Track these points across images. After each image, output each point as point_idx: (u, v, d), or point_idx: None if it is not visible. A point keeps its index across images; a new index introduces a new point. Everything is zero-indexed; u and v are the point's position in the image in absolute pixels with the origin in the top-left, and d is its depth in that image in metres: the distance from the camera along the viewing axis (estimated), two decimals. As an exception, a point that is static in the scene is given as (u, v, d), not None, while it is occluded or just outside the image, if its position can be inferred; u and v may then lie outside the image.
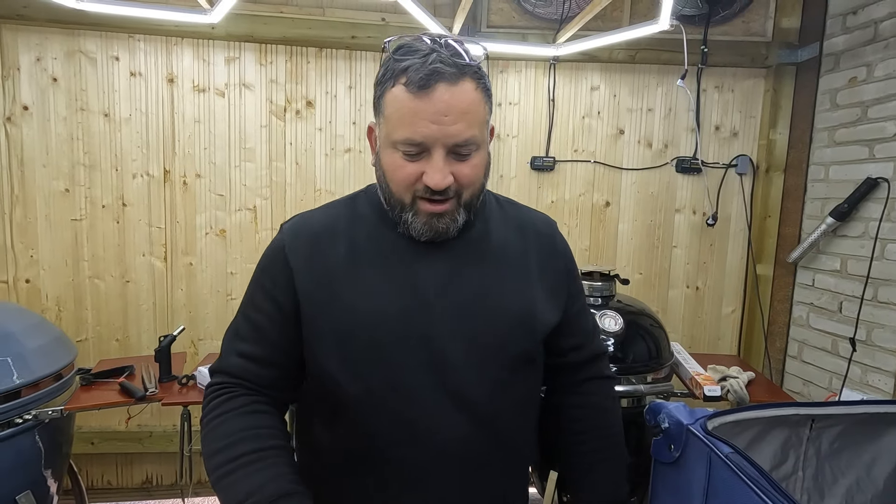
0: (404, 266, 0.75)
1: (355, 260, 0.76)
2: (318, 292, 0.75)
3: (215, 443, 0.73)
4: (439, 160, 0.69)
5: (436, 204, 0.71)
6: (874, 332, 1.88)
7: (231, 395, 0.77)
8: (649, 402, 0.70)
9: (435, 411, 0.74)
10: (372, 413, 0.74)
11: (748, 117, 2.34)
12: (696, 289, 2.42)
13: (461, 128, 0.68)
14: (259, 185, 2.24)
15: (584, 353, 0.90)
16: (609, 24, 2.21)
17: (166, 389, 1.66)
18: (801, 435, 0.73)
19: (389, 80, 0.70)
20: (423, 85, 0.67)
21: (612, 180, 2.37)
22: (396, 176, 0.72)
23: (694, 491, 0.59)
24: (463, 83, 0.68)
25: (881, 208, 1.85)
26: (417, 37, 0.72)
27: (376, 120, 0.75)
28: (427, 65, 0.67)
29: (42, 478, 1.52)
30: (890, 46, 1.85)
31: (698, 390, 1.61)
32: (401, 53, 0.70)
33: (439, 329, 0.74)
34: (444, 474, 0.76)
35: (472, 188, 0.74)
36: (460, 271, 0.76)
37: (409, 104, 0.68)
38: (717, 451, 0.56)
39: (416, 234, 0.74)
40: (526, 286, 0.80)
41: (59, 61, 2.08)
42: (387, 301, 0.74)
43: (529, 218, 0.88)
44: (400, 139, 0.69)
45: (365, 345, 0.74)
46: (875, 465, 0.75)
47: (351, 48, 2.21)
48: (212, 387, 0.79)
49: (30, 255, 2.14)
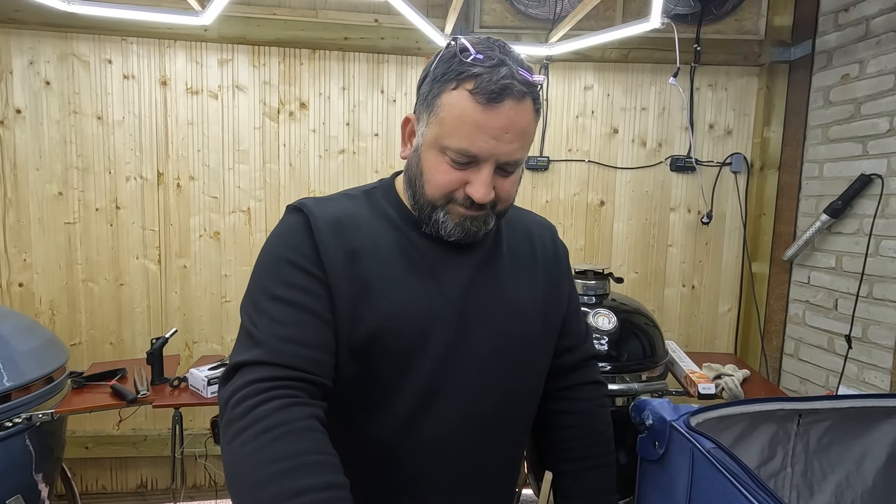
0: (429, 268, 0.73)
1: (379, 256, 0.72)
2: (343, 281, 0.69)
3: (272, 465, 0.57)
4: (488, 175, 0.67)
5: (472, 210, 0.70)
6: (870, 329, 1.87)
7: (289, 399, 0.61)
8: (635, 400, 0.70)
9: (455, 417, 0.72)
10: (387, 421, 0.72)
11: (742, 115, 2.34)
12: (691, 287, 2.41)
13: (515, 147, 0.67)
14: (253, 187, 2.24)
15: (576, 355, 0.90)
16: (602, 24, 2.21)
17: (158, 392, 1.65)
18: (789, 430, 0.72)
19: (451, 80, 0.66)
20: (493, 98, 0.64)
21: (607, 179, 2.36)
22: (438, 179, 0.69)
23: (678, 487, 0.58)
24: (526, 102, 0.67)
25: (875, 205, 1.85)
26: (483, 40, 0.68)
27: (421, 116, 0.71)
28: (500, 78, 0.64)
29: (33, 482, 1.51)
30: (882, 43, 1.85)
31: (693, 388, 1.60)
32: (467, 56, 0.66)
33: (460, 332, 0.72)
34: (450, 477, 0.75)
35: (508, 202, 0.74)
36: (481, 276, 0.76)
37: (473, 114, 0.65)
38: (700, 446, 0.55)
39: (446, 233, 0.72)
40: (535, 291, 0.81)
41: (51, 64, 2.08)
42: (412, 302, 0.71)
43: (532, 222, 0.88)
44: (454, 147, 0.67)
45: (386, 345, 0.70)
46: (865, 461, 0.75)
47: (344, 49, 2.21)
48: (253, 384, 0.62)
49: (23, 259, 2.14)
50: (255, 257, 0.74)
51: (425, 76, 0.71)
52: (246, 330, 0.68)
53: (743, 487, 0.51)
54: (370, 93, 2.26)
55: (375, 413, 0.72)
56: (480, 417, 0.75)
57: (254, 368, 0.63)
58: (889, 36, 1.82)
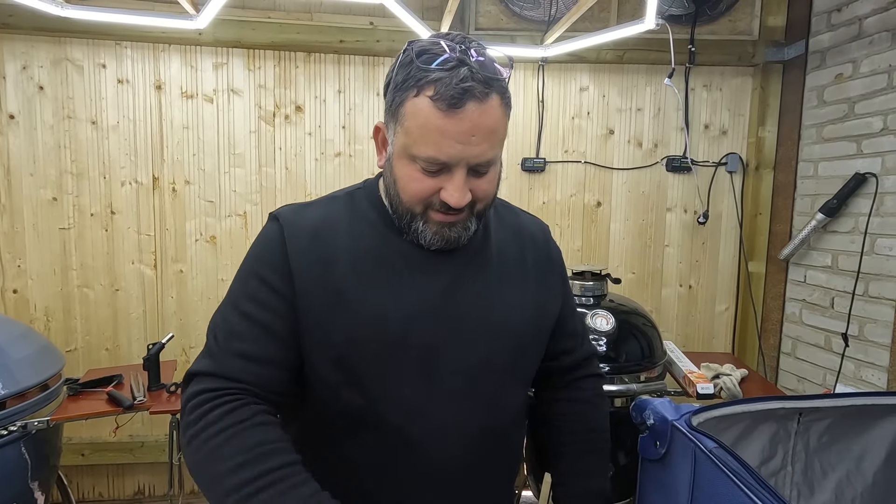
0: (409, 272, 0.73)
1: (356, 263, 0.72)
2: (317, 291, 0.70)
3: (228, 461, 0.62)
4: (460, 179, 0.67)
5: (449, 216, 0.70)
6: (866, 327, 1.88)
7: (235, 402, 0.66)
8: (636, 400, 0.70)
9: (436, 423, 0.72)
10: (371, 424, 0.72)
11: (737, 115, 2.35)
12: (689, 287, 2.41)
13: (485, 148, 0.67)
14: (249, 191, 2.23)
15: (575, 355, 0.90)
16: (596, 25, 2.22)
17: (155, 398, 1.64)
18: (789, 429, 0.72)
19: (412, 87, 0.66)
20: (454, 104, 0.63)
21: (603, 180, 2.37)
22: (411, 188, 0.69)
23: (680, 487, 0.58)
24: (490, 100, 0.66)
25: (870, 203, 1.86)
26: (439, 41, 0.67)
27: (389, 124, 0.71)
28: (458, 81, 0.63)
29: (28, 490, 1.49)
30: (874, 43, 1.86)
31: (691, 388, 1.60)
32: (424, 60, 0.65)
33: (442, 337, 0.72)
34: (443, 484, 0.75)
35: (486, 201, 0.73)
36: (463, 279, 0.75)
37: (436, 122, 0.64)
38: (702, 446, 0.55)
39: (426, 242, 0.72)
40: (525, 293, 0.79)
41: (45, 69, 2.07)
42: (390, 308, 0.71)
43: (524, 222, 0.88)
44: (422, 156, 0.66)
45: (363, 355, 0.71)
46: (865, 459, 0.75)
47: (339, 52, 2.21)
48: (203, 394, 0.67)
49: (17, 266, 2.12)
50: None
51: (388, 83, 0.70)
52: (207, 340, 0.73)
53: (746, 486, 0.51)
54: (366, 95, 2.26)
55: (363, 419, 0.72)
56: (471, 418, 0.74)
57: (204, 379, 0.69)
58: (882, 35, 1.83)
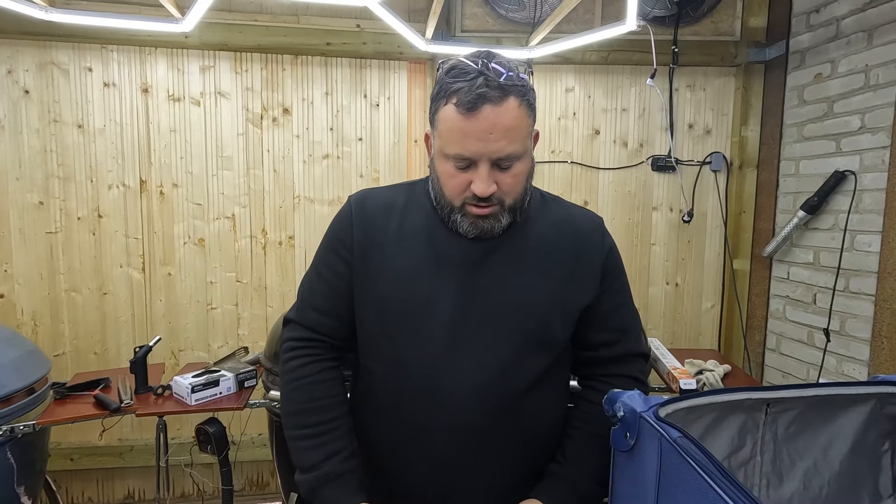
0: (445, 249, 0.86)
1: (402, 236, 0.88)
2: (369, 255, 0.87)
3: (293, 405, 0.90)
4: (484, 172, 0.79)
5: (481, 208, 0.82)
6: (847, 323, 1.91)
7: (308, 358, 0.90)
8: (608, 393, 0.71)
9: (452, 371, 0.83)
10: (401, 373, 0.86)
11: (720, 115, 2.38)
12: (675, 285, 2.44)
13: (503, 144, 0.78)
14: (237, 194, 2.24)
15: (615, 349, 0.92)
16: (581, 27, 2.24)
17: (142, 401, 1.64)
18: (758, 420, 0.74)
19: (442, 98, 0.80)
20: (471, 108, 0.76)
21: (590, 180, 2.39)
22: (449, 183, 0.83)
23: (647, 477, 0.60)
24: (507, 102, 0.77)
25: (849, 200, 1.89)
26: (466, 58, 0.80)
27: (431, 130, 0.86)
28: (474, 89, 0.76)
29: (15, 495, 1.49)
30: (852, 43, 1.90)
31: (675, 384, 1.62)
32: (452, 76, 0.79)
33: (462, 305, 0.84)
34: (458, 444, 0.84)
35: (514, 194, 0.83)
36: (490, 260, 0.86)
37: (459, 124, 0.78)
38: (667, 435, 0.57)
39: (463, 232, 0.84)
40: (548, 280, 0.86)
41: (30, 73, 2.07)
42: (422, 272, 0.85)
43: (571, 215, 0.93)
44: (451, 153, 0.80)
45: (397, 310, 0.85)
46: (831, 448, 0.77)
47: (326, 55, 2.22)
48: (291, 341, 0.92)
49: (3, 270, 2.11)
50: (240, 263, 0.94)
51: (432, 97, 0.85)
52: (299, 292, 0.96)
53: (707, 475, 0.53)
54: (353, 98, 2.27)
55: (394, 367, 0.87)
56: (486, 382, 0.83)
57: (292, 325, 0.94)
58: (858, 36, 1.87)
